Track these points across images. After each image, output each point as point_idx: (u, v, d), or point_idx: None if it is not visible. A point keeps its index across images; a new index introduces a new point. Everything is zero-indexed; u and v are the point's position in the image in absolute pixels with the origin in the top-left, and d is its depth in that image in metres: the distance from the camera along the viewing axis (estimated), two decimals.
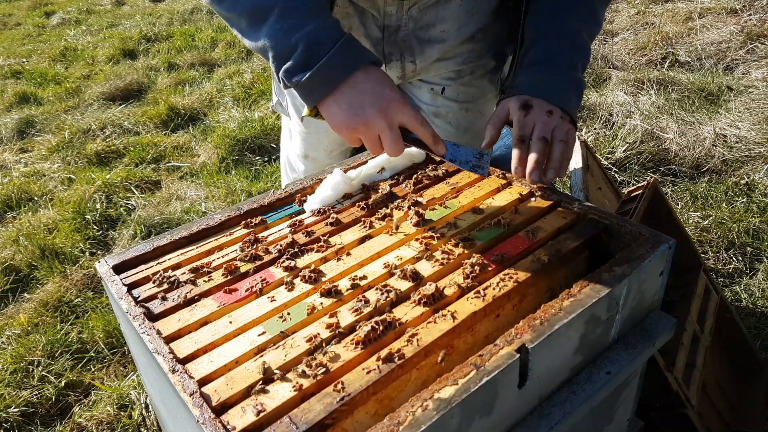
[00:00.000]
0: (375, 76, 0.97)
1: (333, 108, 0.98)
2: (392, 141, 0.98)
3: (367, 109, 0.96)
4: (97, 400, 1.87)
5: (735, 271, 2.15)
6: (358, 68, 0.96)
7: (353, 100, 0.96)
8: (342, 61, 0.95)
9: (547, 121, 1.09)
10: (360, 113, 0.96)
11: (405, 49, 1.33)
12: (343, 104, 0.97)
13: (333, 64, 0.95)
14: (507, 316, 0.89)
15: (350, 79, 0.96)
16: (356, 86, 0.96)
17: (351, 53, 0.97)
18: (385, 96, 0.96)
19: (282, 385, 0.73)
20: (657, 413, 1.36)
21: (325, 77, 0.96)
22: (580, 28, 1.19)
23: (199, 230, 1.07)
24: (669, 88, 3.35)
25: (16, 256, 2.55)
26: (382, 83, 0.97)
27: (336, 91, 0.97)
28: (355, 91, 0.96)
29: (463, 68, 1.40)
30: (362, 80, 0.96)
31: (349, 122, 0.97)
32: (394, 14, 1.27)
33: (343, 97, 0.97)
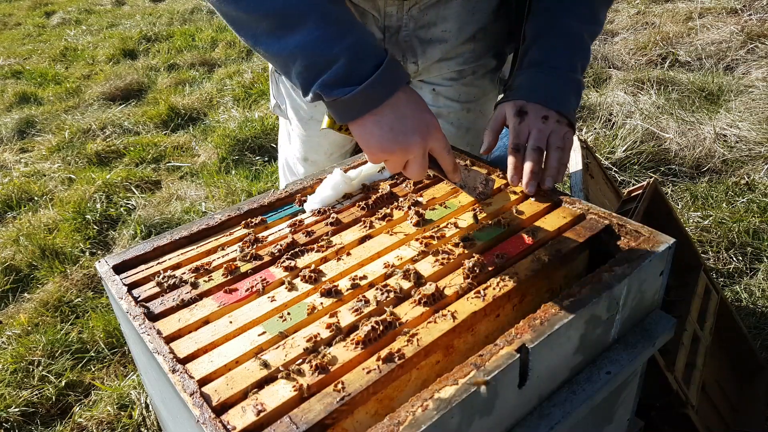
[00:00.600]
0: (415, 98, 0.94)
1: (372, 128, 0.92)
2: (421, 168, 0.95)
3: (409, 135, 0.91)
4: (97, 400, 1.87)
5: (735, 271, 2.15)
6: (400, 89, 0.92)
7: (396, 123, 0.91)
8: (387, 81, 0.90)
9: (543, 127, 1.09)
10: (401, 138, 0.91)
11: (407, 49, 1.33)
12: (385, 126, 0.91)
13: (379, 82, 0.89)
14: (507, 316, 0.89)
15: (392, 100, 0.91)
16: (398, 108, 0.91)
17: (395, 72, 0.92)
18: (426, 121, 0.93)
19: (282, 385, 0.73)
20: (657, 413, 1.36)
21: (369, 96, 0.90)
22: (581, 28, 1.19)
23: (199, 230, 1.07)
24: (669, 87, 3.35)
25: (16, 256, 2.55)
26: (421, 106, 0.94)
27: (377, 112, 0.91)
28: (398, 114, 0.91)
29: (465, 68, 1.40)
30: (404, 102, 0.92)
31: (387, 145, 0.92)
32: (395, 14, 1.27)
33: (386, 119, 0.91)
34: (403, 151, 0.92)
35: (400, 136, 0.91)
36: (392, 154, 0.93)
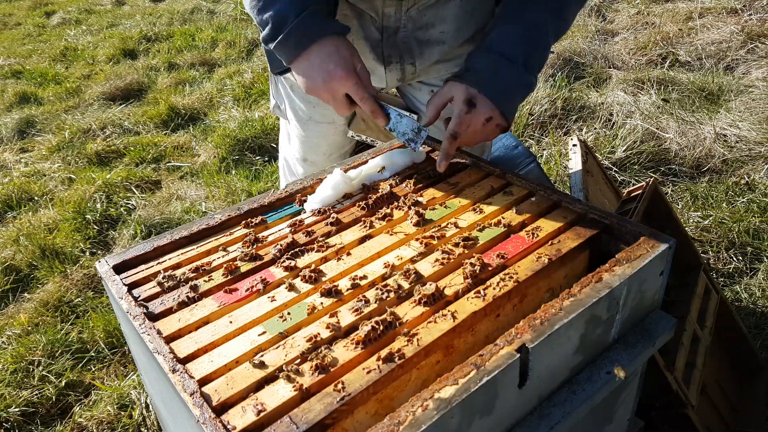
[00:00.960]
0: (326, 50, 1.10)
1: (296, 75, 1.16)
2: (336, 107, 1.16)
3: (317, 80, 1.12)
4: (97, 400, 1.87)
5: (735, 271, 2.15)
6: (315, 41, 1.10)
7: (306, 72, 1.13)
8: (298, 37, 1.10)
9: (479, 130, 1.14)
10: (311, 84, 1.14)
11: (404, 50, 1.32)
12: (299, 76, 1.15)
13: (290, 38, 1.10)
14: (507, 315, 0.89)
15: (305, 53, 1.11)
16: (308, 59, 1.12)
17: (310, 28, 1.10)
18: (329, 71, 1.10)
19: (282, 385, 0.73)
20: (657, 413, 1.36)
21: (285, 49, 1.13)
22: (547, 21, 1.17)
23: (199, 230, 1.07)
24: (669, 87, 3.35)
25: (16, 256, 2.55)
26: (329, 57, 1.10)
27: (296, 61, 1.14)
28: (308, 64, 1.12)
29: None
30: (314, 54, 1.11)
31: (305, 88, 1.15)
32: (393, 15, 1.27)
33: (298, 69, 1.14)
34: (315, 93, 1.15)
35: (310, 82, 1.14)
36: (313, 94, 1.16)
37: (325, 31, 1.11)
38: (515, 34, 1.16)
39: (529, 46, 1.15)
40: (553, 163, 2.83)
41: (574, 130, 3.12)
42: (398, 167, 1.24)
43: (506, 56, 1.14)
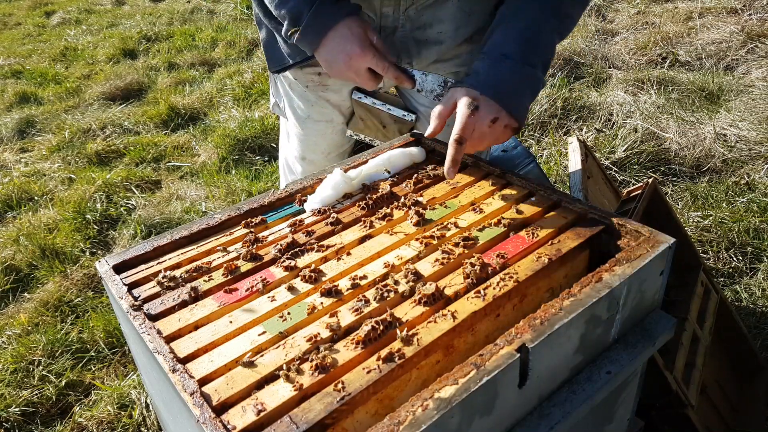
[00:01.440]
0: (341, 33, 1.18)
1: (321, 61, 1.25)
2: (363, 83, 1.24)
3: (340, 65, 1.21)
4: (97, 400, 1.87)
5: (735, 271, 2.15)
6: (331, 27, 1.18)
7: (328, 56, 1.21)
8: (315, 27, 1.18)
9: (486, 132, 1.11)
10: (335, 66, 1.22)
11: (402, 50, 1.32)
12: (323, 61, 1.24)
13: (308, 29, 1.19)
14: (507, 315, 0.89)
15: (324, 41, 1.20)
16: (327, 46, 1.20)
17: (322, 17, 1.18)
18: (346, 51, 1.19)
19: (282, 385, 0.73)
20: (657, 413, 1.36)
21: (305, 42, 1.22)
22: (549, 20, 1.16)
23: (199, 230, 1.07)
24: (669, 87, 3.35)
25: (16, 256, 2.55)
26: (345, 39, 1.18)
27: (318, 49, 1.22)
28: (328, 49, 1.21)
29: (461, 70, 1.40)
30: (331, 40, 1.19)
31: (332, 74, 1.25)
32: (391, 15, 1.27)
33: (321, 56, 1.23)
34: (341, 74, 1.24)
35: (334, 64, 1.22)
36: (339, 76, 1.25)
37: (337, 15, 1.18)
38: (513, 33, 1.15)
39: (528, 44, 1.14)
40: (553, 163, 2.84)
41: (574, 130, 3.12)
42: (399, 167, 1.24)
43: (505, 54, 1.13)
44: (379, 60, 1.19)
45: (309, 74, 1.41)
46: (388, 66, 1.20)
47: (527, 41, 1.14)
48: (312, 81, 1.43)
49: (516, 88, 1.13)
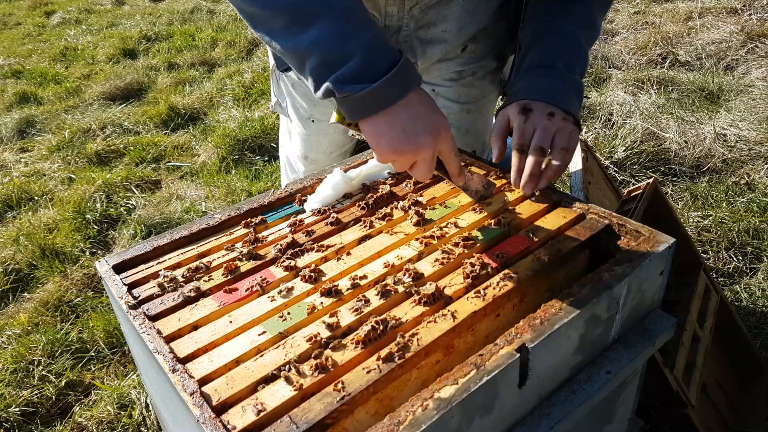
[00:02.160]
0: (427, 100, 0.93)
1: (384, 128, 0.91)
2: (428, 170, 0.95)
3: (421, 136, 0.90)
4: (97, 400, 1.87)
5: (735, 271, 2.15)
6: (414, 89, 0.92)
7: (409, 123, 0.90)
8: (401, 80, 0.89)
9: (548, 125, 1.06)
10: (413, 139, 0.90)
11: (406, 49, 1.32)
12: (397, 127, 0.90)
13: (393, 81, 0.88)
14: (507, 315, 0.89)
15: (405, 100, 0.90)
16: (411, 109, 0.90)
17: (409, 72, 0.91)
18: (438, 123, 0.92)
19: (282, 385, 0.73)
20: (657, 413, 1.36)
21: (382, 95, 0.89)
22: (577, 32, 1.17)
23: (199, 230, 1.07)
24: (669, 87, 3.35)
25: (16, 256, 2.55)
26: (433, 108, 0.93)
27: (390, 111, 0.90)
28: (410, 115, 0.90)
29: (465, 69, 1.40)
30: (416, 103, 0.91)
31: (398, 146, 0.90)
32: (396, 14, 1.27)
33: (399, 119, 0.90)
34: (413, 152, 0.91)
35: (412, 137, 0.90)
36: (402, 155, 0.92)
37: (420, 77, 0.95)
38: (550, 48, 1.16)
39: (567, 53, 1.15)
40: None
41: None
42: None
43: (545, 66, 1.13)
44: (455, 143, 0.97)
45: None
46: (457, 154, 0.97)
47: (564, 53, 1.15)
48: None
49: (562, 90, 1.12)
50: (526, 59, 1.19)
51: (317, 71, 0.90)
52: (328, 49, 0.88)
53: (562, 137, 1.07)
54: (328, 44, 0.88)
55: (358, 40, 0.88)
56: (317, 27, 0.88)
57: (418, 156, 0.92)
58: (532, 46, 1.19)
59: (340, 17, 0.88)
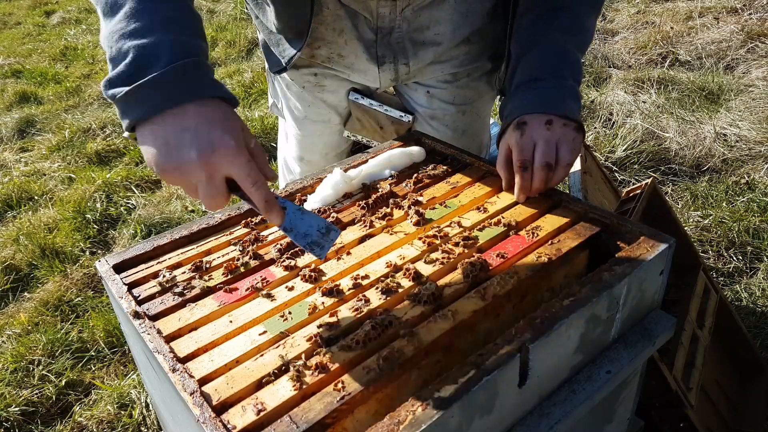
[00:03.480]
0: (210, 114, 0.79)
1: (147, 138, 0.79)
2: (208, 195, 0.80)
3: (184, 152, 0.77)
4: (97, 400, 1.87)
5: (735, 271, 2.15)
6: (193, 100, 0.78)
7: (172, 136, 0.77)
8: (173, 85, 0.78)
9: (548, 136, 1.02)
10: (175, 155, 0.77)
11: (398, 51, 1.32)
12: (160, 138, 0.78)
13: (161, 84, 0.77)
14: (507, 315, 0.89)
15: (177, 110, 0.78)
16: (182, 120, 0.77)
17: (191, 78, 0.79)
18: (213, 140, 0.77)
19: (282, 384, 0.73)
20: (657, 412, 1.36)
21: (146, 98, 0.77)
22: (565, 40, 1.13)
23: (199, 229, 1.07)
24: (669, 87, 3.35)
25: (16, 256, 2.55)
26: (216, 124, 0.78)
27: (155, 119, 0.78)
28: (178, 126, 0.77)
29: (460, 71, 1.39)
30: (192, 114, 0.78)
31: (159, 161, 0.78)
32: (388, 16, 1.26)
33: (162, 129, 0.78)
34: (176, 170, 0.78)
35: (175, 151, 0.77)
36: (165, 173, 0.79)
37: (216, 89, 0.81)
38: (537, 61, 1.12)
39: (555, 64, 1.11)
40: None
41: None
42: (398, 167, 1.24)
43: (534, 78, 1.11)
44: (253, 169, 0.80)
45: (305, 75, 1.41)
46: (263, 183, 0.82)
47: (552, 65, 1.12)
48: (308, 82, 1.42)
49: (556, 96, 1.08)
50: (514, 77, 1.16)
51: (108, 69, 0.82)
52: (111, 45, 0.81)
53: (566, 149, 1.03)
54: (112, 40, 0.81)
55: (140, 39, 0.79)
56: (113, 20, 0.82)
57: (185, 176, 0.78)
58: (519, 63, 1.15)
59: (134, 12, 0.81)
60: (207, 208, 0.83)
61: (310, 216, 0.85)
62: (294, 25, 1.27)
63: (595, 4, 1.19)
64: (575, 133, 1.05)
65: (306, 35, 1.25)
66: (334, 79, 1.41)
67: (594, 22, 1.19)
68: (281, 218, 0.84)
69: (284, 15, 1.27)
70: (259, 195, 0.81)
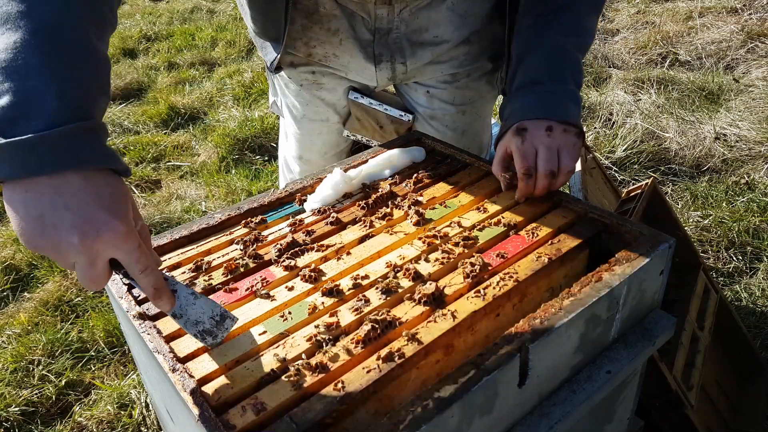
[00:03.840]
0: (96, 190, 0.68)
1: (17, 205, 0.66)
2: (87, 278, 0.70)
3: (63, 234, 0.66)
4: (97, 399, 1.87)
5: (735, 271, 2.15)
6: (79, 167, 0.67)
7: (49, 212, 0.66)
8: (54, 149, 0.65)
9: (549, 143, 1.02)
10: (52, 235, 0.66)
11: (396, 50, 1.31)
12: (33, 210, 0.66)
13: (39, 145, 0.64)
14: (507, 315, 0.89)
15: (57, 179, 0.66)
16: (61, 195, 0.66)
17: (78, 143, 0.67)
18: (99, 225, 0.67)
19: (282, 384, 0.73)
20: (657, 412, 1.36)
21: (19, 158, 0.64)
22: (565, 42, 1.13)
23: (199, 229, 1.07)
24: (669, 87, 3.35)
25: (16, 255, 2.55)
26: (102, 202, 0.68)
27: (28, 184, 0.66)
28: (54, 201, 0.66)
29: (459, 71, 1.39)
30: (75, 189, 0.66)
31: (31, 238, 0.67)
32: (385, 17, 1.25)
33: (37, 201, 0.66)
34: (53, 250, 0.67)
35: (50, 229, 0.66)
36: (39, 250, 0.68)
37: (106, 159, 0.70)
38: (537, 64, 1.12)
39: (556, 67, 1.11)
40: None
41: None
42: (398, 167, 1.24)
43: (533, 82, 1.10)
44: (142, 256, 0.71)
45: (303, 73, 1.41)
46: (152, 268, 0.72)
47: (552, 67, 1.11)
48: (306, 80, 1.42)
49: (556, 101, 1.07)
50: (514, 80, 1.15)
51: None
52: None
53: (567, 155, 1.03)
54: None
55: (24, 81, 0.65)
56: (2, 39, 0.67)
57: (62, 257, 0.68)
58: (519, 66, 1.15)
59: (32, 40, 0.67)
60: (86, 287, 0.72)
61: (204, 301, 0.80)
62: (269, 30, 1.28)
63: (596, 4, 1.19)
64: (576, 138, 1.05)
65: (282, 40, 1.25)
66: (332, 78, 1.41)
67: (595, 23, 1.19)
68: (171, 304, 0.77)
69: (259, 19, 1.27)
70: (148, 281, 0.73)
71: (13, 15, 0.67)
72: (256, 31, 1.33)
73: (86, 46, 0.72)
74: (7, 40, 0.67)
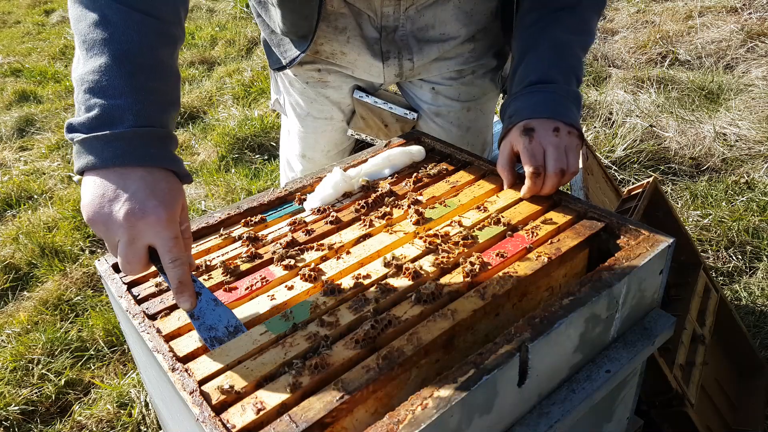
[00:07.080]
0: (154, 183, 0.80)
1: (89, 186, 0.81)
2: (125, 257, 0.80)
3: (114, 209, 0.78)
4: (96, 399, 1.87)
5: (735, 270, 2.15)
6: (145, 163, 0.81)
7: (111, 191, 0.79)
8: (127, 146, 0.80)
9: (557, 142, 1.04)
10: (105, 209, 0.78)
11: (403, 47, 1.32)
12: (99, 189, 0.79)
13: (117, 142, 0.80)
14: (507, 314, 0.89)
15: (125, 170, 0.80)
16: (125, 180, 0.79)
17: (148, 145, 0.82)
18: (145, 207, 0.78)
19: (282, 384, 0.73)
20: (657, 411, 1.36)
21: (99, 149, 0.80)
22: (570, 40, 1.13)
23: (198, 229, 1.07)
24: (669, 86, 3.34)
25: (15, 255, 2.55)
26: (156, 193, 0.79)
27: (102, 171, 0.80)
28: (117, 184, 0.79)
29: (465, 68, 1.40)
30: (136, 178, 0.80)
31: (89, 210, 0.80)
32: (392, 15, 1.26)
33: (104, 182, 0.80)
34: (103, 225, 0.79)
35: (106, 205, 0.78)
36: (93, 224, 0.80)
37: (170, 162, 0.84)
38: (541, 59, 1.12)
39: (560, 64, 1.11)
40: None
41: None
42: (398, 166, 1.24)
43: (539, 81, 1.10)
44: (176, 247, 0.80)
45: (308, 71, 1.41)
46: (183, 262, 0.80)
47: (558, 65, 1.11)
48: (311, 78, 1.42)
49: (562, 102, 1.08)
50: (517, 75, 1.15)
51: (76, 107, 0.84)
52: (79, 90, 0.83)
53: (573, 156, 1.05)
54: (80, 85, 0.83)
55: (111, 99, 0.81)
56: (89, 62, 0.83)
57: (110, 234, 0.79)
58: (524, 61, 1.15)
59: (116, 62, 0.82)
60: (122, 270, 0.82)
61: (223, 310, 0.83)
62: (300, 28, 1.28)
63: (599, 4, 1.20)
64: (578, 140, 1.07)
65: (311, 38, 1.25)
66: (338, 76, 1.42)
67: (596, 23, 1.20)
68: (192, 303, 0.82)
69: (290, 18, 1.27)
70: (175, 272, 0.80)
71: (98, 42, 0.83)
72: (284, 30, 1.31)
73: (158, 66, 0.86)
74: (94, 63, 0.82)
